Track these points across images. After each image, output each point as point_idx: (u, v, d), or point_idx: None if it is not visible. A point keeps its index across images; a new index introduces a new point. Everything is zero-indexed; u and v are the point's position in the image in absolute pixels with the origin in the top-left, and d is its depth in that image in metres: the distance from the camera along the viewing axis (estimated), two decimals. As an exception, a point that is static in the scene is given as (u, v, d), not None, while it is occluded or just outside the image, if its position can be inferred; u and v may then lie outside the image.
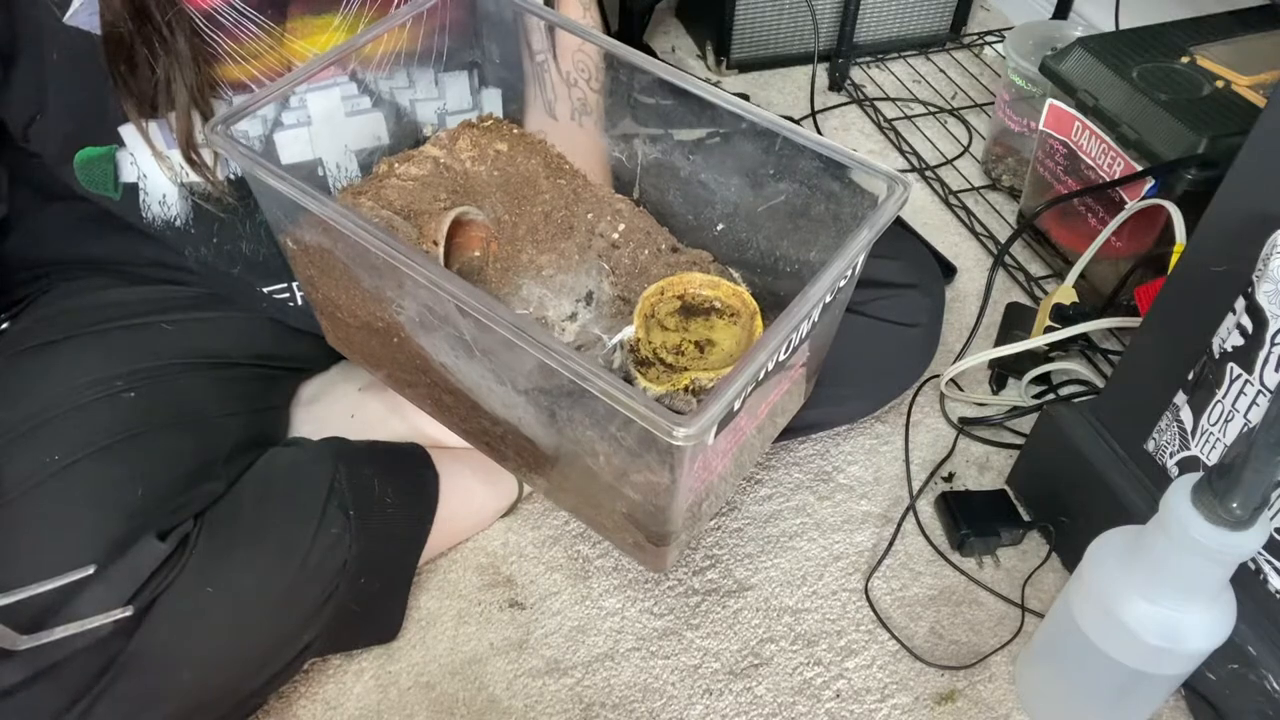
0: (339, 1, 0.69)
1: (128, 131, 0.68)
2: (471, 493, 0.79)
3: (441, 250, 0.66)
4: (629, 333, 0.67)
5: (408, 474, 0.75)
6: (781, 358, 0.55)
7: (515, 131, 0.77)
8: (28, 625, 0.56)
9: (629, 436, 0.53)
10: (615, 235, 0.74)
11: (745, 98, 1.28)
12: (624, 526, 0.65)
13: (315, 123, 0.71)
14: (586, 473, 0.64)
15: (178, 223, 0.72)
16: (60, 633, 0.55)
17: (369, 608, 0.71)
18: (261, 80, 0.68)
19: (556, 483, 0.70)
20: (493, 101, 0.78)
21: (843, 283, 0.58)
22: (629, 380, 0.65)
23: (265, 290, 0.76)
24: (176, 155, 0.68)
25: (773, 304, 0.72)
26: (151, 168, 0.69)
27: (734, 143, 0.68)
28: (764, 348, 0.51)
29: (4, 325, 0.75)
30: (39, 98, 0.66)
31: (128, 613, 0.57)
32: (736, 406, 0.52)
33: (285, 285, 0.76)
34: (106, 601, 0.57)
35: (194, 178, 0.69)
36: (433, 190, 0.71)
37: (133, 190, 0.71)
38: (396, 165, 0.72)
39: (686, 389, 0.63)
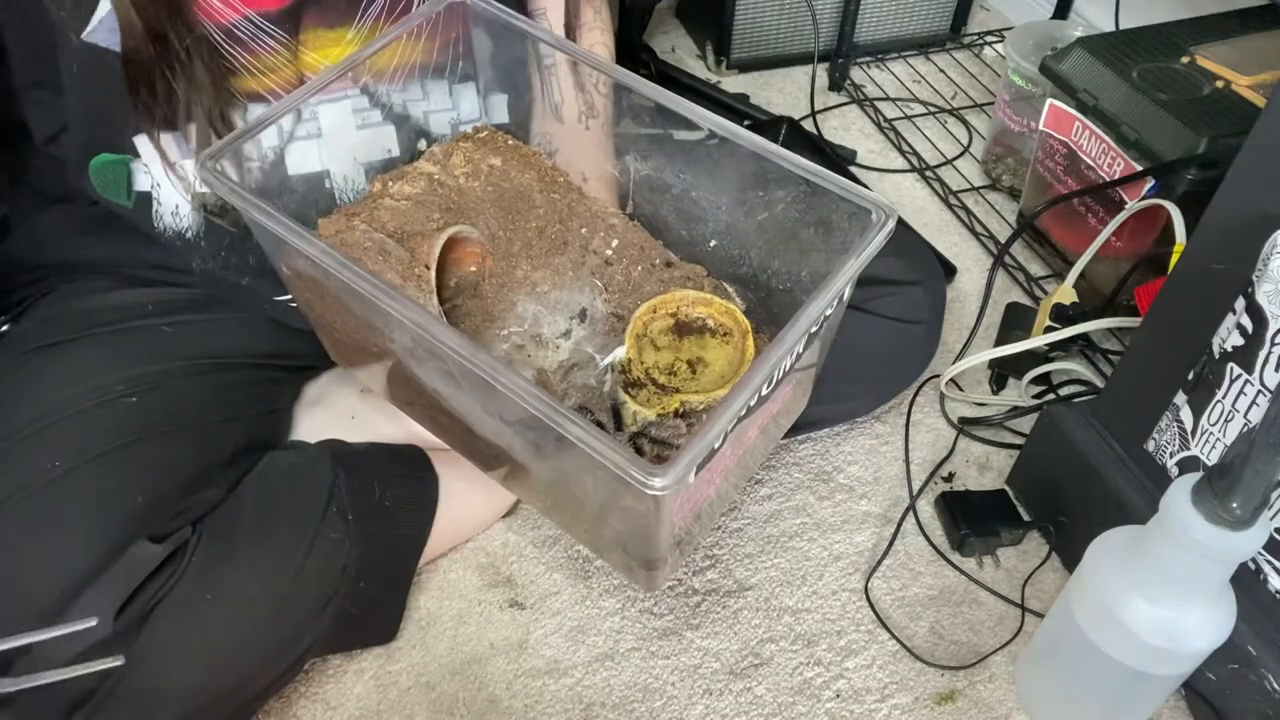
0: (353, 15, 0.69)
1: (142, 142, 0.68)
2: (472, 494, 0.79)
3: (433, 273, 0.66)
4: (620, 354, 0.67)
5: (408, 476, 0.75)
6: (765, 392, 0.55)
7: (510, 144, 0.77)
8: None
9: (610, 474, 0.54)
10: (609, 251, 0.74)
11: (745, 98, 1.29)
12: (615, 548, 0.65)
13: (325, 135, 0.71)
14: (576, 499, 0.64)
15: (188, 234, 0.72)
16: (45, 679, 0.54)
17: (367, 610, 0.71)
18: (277, 92, 0.69)
19: (551, 504, 0.71)
20: (499, 107, 0.78)
21: (829, 311, 0.58)
22: (618, 405, 0.65)
23: (275, 299, 0.76)
24: (189, 165, 0.68)
25: (766, 319, 0.72)
26: (165, 179, 0.69)
27: (724, 160, 0.68)
28: (745, 388, 0.51)
29: (4, 328, 0.75)
30: (64, 112, 0.68)
31: (119, 662, 0.55)
32: (718, 445, 0.52)
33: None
34: (100, 609, 0.57)
35: (206, 189, 0.69)
36: (426, 209, 0.71)
37: (146, 199, 0.71)
38: (390, 184, 0.72)
39: (676, 412, 0.63)
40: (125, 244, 0.74)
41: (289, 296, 0.75)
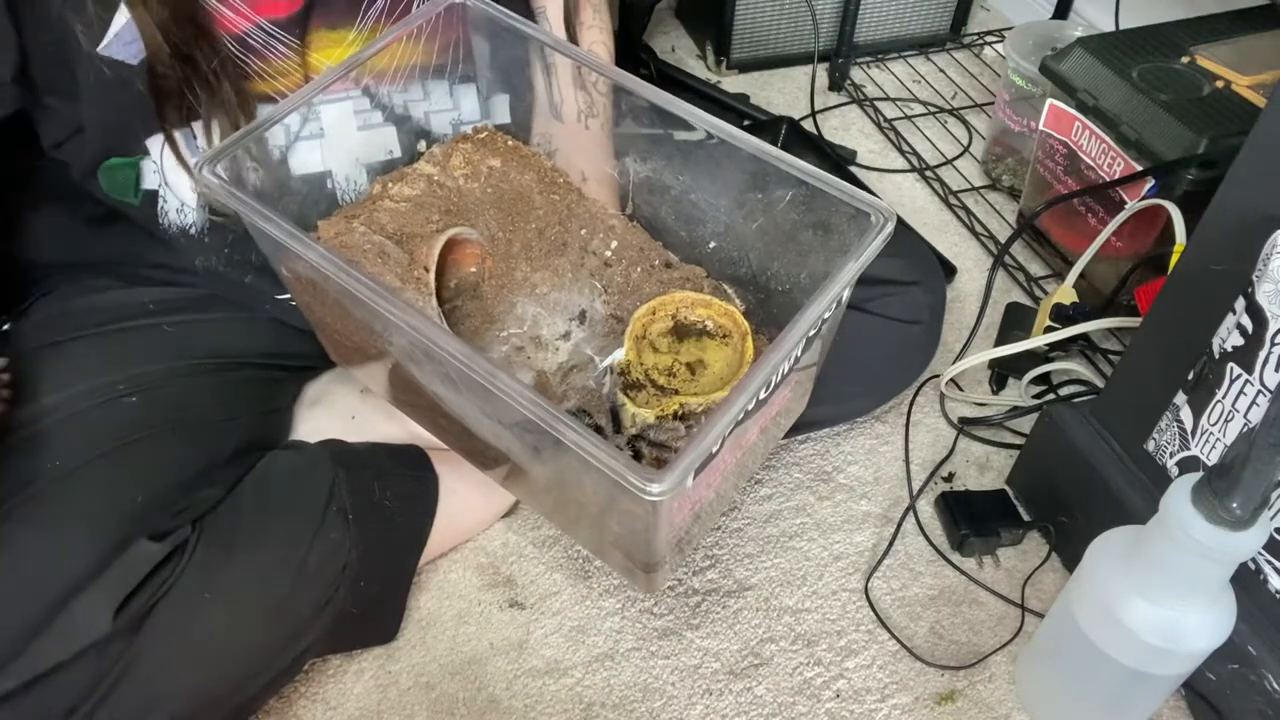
0: (354, 16, 0.70)
1: (154, 142, 0.68)
2: (472, 494, 0.79)
3: (432, 275, 0.66)
4: (619, 356, 0.67)
5: (408, 476, 0.75)
6: (763, 396, 0.55)
7: (509, 144, 0.77)
8: (17, 640, 0.56)
9: (607, 479, 0.54)
10: (608, 253, 0.74)
11: (745, 98, 1.29)
12: (615, 550, 0.65)
13: (327, 135, 0.71)
14: (575, 501, 0.64)
15: (192, 231, 0.72)
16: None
17: (367, 610, 0.71)
18: (285, 94, 0.69)
19: (550, 506, 0.71)
20: (500, 107, 0.78)
21: (827, 314, 0.58)
22: (617, 407, 0.65)
23: (277, 297, 0.76)
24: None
25: (765, 320, 0.72)
26: (174, 176, 0.70)
27: (723, 162, 0.68)
28: (743, 392, 0.51)
29: (5, 327, 0.75)
30: (77, 121, 0.68)
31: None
32: (716, 449, 0.51)
33: None
34: (99, 607, 0.57)
35: None
36: (425, 211, 0.71)
37: (152, 197, 0.71)
38: (390, 185, 0.72)
39: (675, 414, 0.63)
40: (126, 243, 0.74)
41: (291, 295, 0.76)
